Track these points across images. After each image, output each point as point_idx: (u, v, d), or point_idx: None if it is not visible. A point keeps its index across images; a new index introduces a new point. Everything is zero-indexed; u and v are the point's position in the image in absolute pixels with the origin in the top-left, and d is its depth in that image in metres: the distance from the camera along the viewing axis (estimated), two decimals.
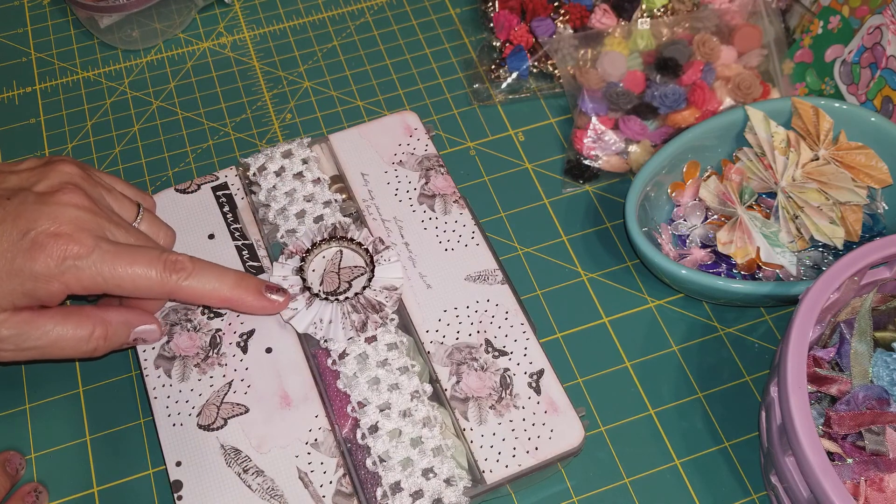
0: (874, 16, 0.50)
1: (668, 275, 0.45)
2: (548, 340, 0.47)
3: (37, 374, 0.46)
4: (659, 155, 0.48)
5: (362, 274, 0.45)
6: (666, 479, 0.43)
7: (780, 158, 0.48)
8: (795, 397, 0.35)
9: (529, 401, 0.41)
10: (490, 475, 0.39)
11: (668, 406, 0.45)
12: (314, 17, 0.63)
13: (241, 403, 0.41)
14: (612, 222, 0.52)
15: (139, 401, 0.45)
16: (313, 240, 0.45)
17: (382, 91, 0.58)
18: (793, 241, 0.47)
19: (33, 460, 0.44)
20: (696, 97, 0.53)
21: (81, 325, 0.40)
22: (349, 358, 0.41)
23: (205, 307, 0.44)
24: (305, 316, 0.42)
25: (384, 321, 0.42)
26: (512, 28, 0.57)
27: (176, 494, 0.39)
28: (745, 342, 0.47)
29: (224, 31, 0.62)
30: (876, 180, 0.47)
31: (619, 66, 0.55)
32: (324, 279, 0.45)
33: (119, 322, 0.41)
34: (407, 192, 0.48)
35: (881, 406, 0.38)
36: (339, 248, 0.46)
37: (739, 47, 0.56)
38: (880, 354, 0.39)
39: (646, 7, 0.58)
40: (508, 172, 0.54)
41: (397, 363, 0.41)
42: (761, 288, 0.43)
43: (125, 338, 0.42)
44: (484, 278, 0.45)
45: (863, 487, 0.36)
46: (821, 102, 0.48)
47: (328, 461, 0.39)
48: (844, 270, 0.38)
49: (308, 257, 0.45)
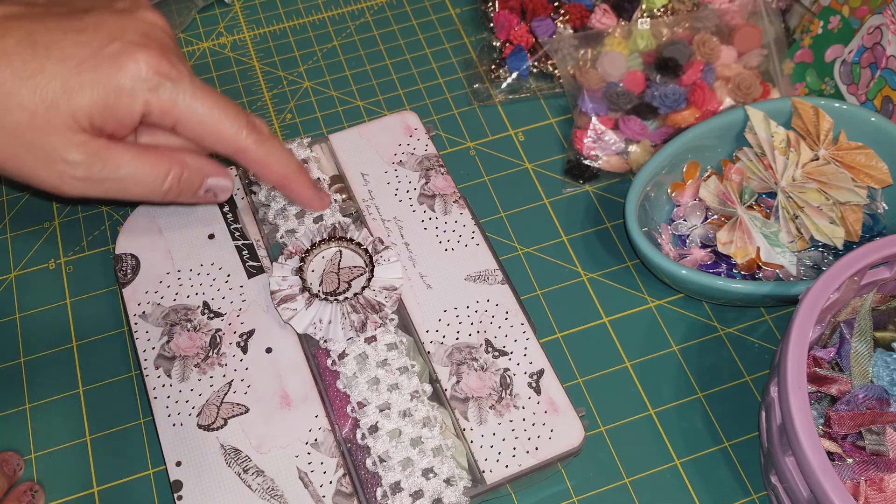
0: (874, 16, 0.50)
1: (668, 275, 0.45)
2: (548, 340, 0.47)
3: (37, 373, 0.46)
4: (659, 155, 0.48)
5: (362, 274, 0.45)
6: (666, 479, 0.43)
7: (780, 158, 0.48)
8: (795, 397, 0.35)
9: (529, 401, 0.41)
10: (490, 475, 0.39)
11: (668, 406, 0.45)
12: (314, 17, 0.63)
13: (241, 403, 0.41)
14: (612, 222, 0.52)
15: (139, 401, 0.45)
16: (313, 240, 0.45)
17: (382, 91, 0.58)
18: (793, 241, 0.47)
19: (33, 460, 0.44)
20: (696, 97, 0.53)
21: (159, 162, 0.38)
22: (349, 358, 0.42)
23: (203, 309, 0.44)
24: (305, 316, 0.42)
25: (384, 321, 0.42)
26: (512, 28, 0.58)
27: (176, 494, 0.39)
28: (745, 342, 0.47)
29: (224, 31, 0.62)
30: (876, 180, 0.47)
31: (619, 66, 0.55)
32: (323, 279, 0.45)
33: (195, 167, 0.39)
34: (407, 192, 0.48)
35: (881, 406, 0.38)
36: (338, 248, 0.46)
37: (739, 47, 0.56)
38: (880, 354, 0.39)
39: (646, 7, 0.58)
40: (508, 172, 0.54)
41: (397, 363, 0.41)
42: (761, 288, 0.43)
43: (198, 186, 0.40)
44: (484, 278, 0.45)
45: (863, 487, 0.36)
46: (821, 102, 0.48)
47: (328, 461, 0.39)
48: (844, 270, 0.38)
49: (307, 257, 0.45)
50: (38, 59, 0.35)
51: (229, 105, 0.38)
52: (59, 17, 0.36)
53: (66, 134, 0.36)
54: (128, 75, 0.35)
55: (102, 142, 0.37)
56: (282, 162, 0.41)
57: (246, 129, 0.39)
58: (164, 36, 0.38)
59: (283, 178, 0.41)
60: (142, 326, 0.43)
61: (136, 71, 0.35)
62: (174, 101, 0.37)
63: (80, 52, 0.35)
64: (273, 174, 0.41)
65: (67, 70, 0.35)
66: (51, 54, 0.35)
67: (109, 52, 0.35)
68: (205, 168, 0.40)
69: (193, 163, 0.40)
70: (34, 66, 0.35)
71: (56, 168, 0.36)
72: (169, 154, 0.39)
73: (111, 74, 0.35)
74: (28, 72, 0.35)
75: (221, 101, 0.38)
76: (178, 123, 0.38)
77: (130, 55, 0.35)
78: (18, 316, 0.48)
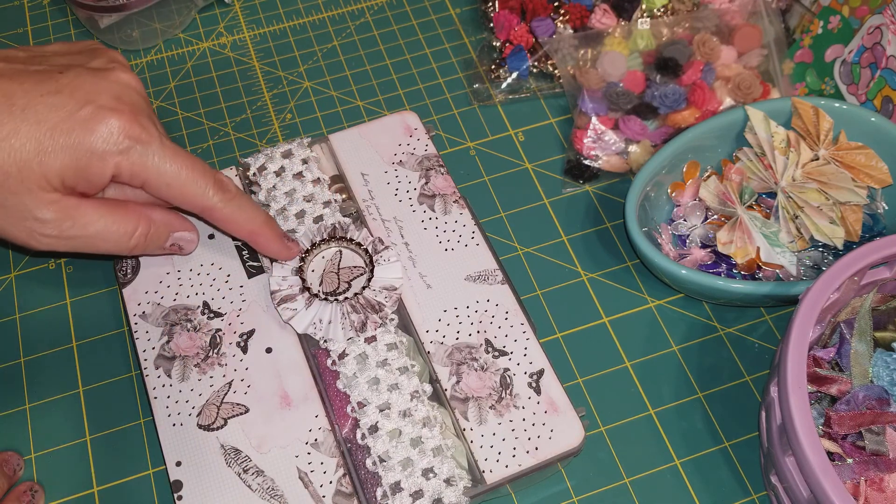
0: (874, 16, 0.50)
1: (668, 275, 0.45)
2: (548, 340, 0.47)
3: (37, 374, 0.46)
4: (659, 155, 0.48)
5: (362, 274, 0.45)
6: (666, 479, 0.43)
7: (780, 158, 0.48)
8: (795, 397, 0.35)
9: (529, 401, 0.41)
10: (490, 475, 0.39)
11: (668, 406, 0.45)
12: (314, 17, 0.63)
13: (241, 403, 0.41)
14: (612, 222, 0.52)
15: (139, 401, 0.45)
16: (313, 240, 0.45)
17: (382, 91, 0.58)
18: (793, 241, 0.47)
19: (33, 460, 0.44)
20: (696, 97, 0.53)
21: (127, 219, 0.39)
22: (349, 358, 0.41)
23: (203, 309, 0.44)
24: (305, 316, 0.42)
25: (384, 321, 0.42)
26: (512, 28, 0.57)
27: (176, 494, 0.39)
28: (745, 342, 0.47)
29: (224, 31, 0.62)
30: (876, 180, 0.47)
31: (619, 66, 0.55)
32: (323, 279, 0.45)
33: (162, 222, 0.40)
34: (407, 192, 0.48)
35: (881, 406, 0.38)
36: (338, 248, 0.46)
37: (739, 47, 0.56)
38: (880, 354, 0.39)
39: (646, 7, 0.58)
40: (508, 172, 0.54)
41: (397, 363, 0.41)
42: (761, 288, 0.43)
43: (164, 241, 0.41)
44: (484, 278, 0.45)
45: (863, 487, 0.36)
46: (821, 102, 0.48)
47: (328, 461, 0.39)
48: (844, 270, 0.38)
49: (307, 257, 0.45)
50: (13, 121, 0.36)
51: (196, 165, 0.39)
52: (37, 78, 0.37)
53: (37, 193, 0.37)
54: (99, 138, 0.36)
55: (73, 200, 0.38)
56: (249, 217, 0.41)
57: (213, 188, 0.39)
58: (138, 98, 0.39)
59: (251, 233, 0.42)
60: (142, 326, 0.43)
61: (108, 134, 0.36)
62: (143, 163, 0.37)
63: (54, 115, 0.36)
64: (241, 230, 0.42)
65: (41, 133, 0.36)
66: (26, 116, 0.36)
67: (82, 116, 0.36)
68: (171, 223, 0.42)
69: (160, 218, 0.41)
70: (9, 128, 0.36)
71: (26, 225, 0.38)
72: (136, 210, 0.40)
73: (83, 138, 0.36)
74: (3, 133, 0.36)
75: (189, 161, 0.39)
76: (146, 184, 0.38)
77: (102, 119, 0.36)
78: (18, 316, 0.48)
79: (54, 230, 0.38)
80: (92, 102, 0.36)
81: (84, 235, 0.38)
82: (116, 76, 0.38)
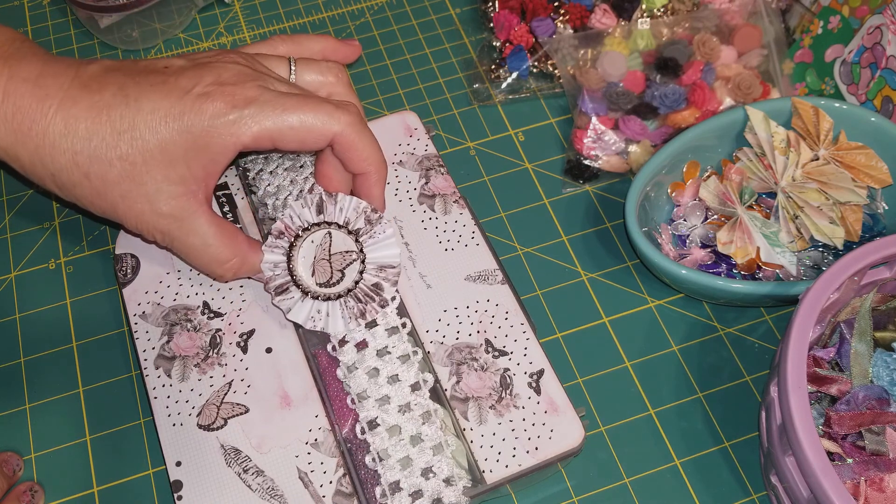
0: (874, 16, 0.50)
1: (668, 275, 0.45)
2: (548, 340, 0.47)
3: (37, 374, 0.46)
4: (659, 155, 0.48)
5: (355, 260, 0.43)
6: (666, 479, 0.43)
7: (780, 158, 0.48)
8: (795, 397, 0.35)
9: (529, 401, 0.41)
10: (490, 475, 0.39)
11: (668, 406, 0.45)
12: (314, 17, 0.63)
13: (241, 403, 0.41)
14: (612, 222, 0.52)
15: (139, 401, 0.45)
16: (300, 215, 0.43)
17: (382, 91, 0.58)
18: (793, 241, 0.47)
19: (33, 460, 0.44)
20: (696, 97, 0.53)
21: (228, 247, 0.40)
22: (349, 346, 0.41)
23: (203, 309, 0.44)
24: (302, 308, 0.42)
25: (384, 304, 0.42)
26: (512, 28, 0.58)
27: (176, 494, 0.39)
28: (745, 342, 0.47)
29: (224, 31, 0.62)
30: (876, 180, 0.47)
31: (619, 66, 0.55)
32: (315, 268, 0.43)
33: (250, 265, 0.42)
34: (407, 192, 0.48)
35: (881, 406, 0.38)
36: (327, 230, 0.43)
37: (739, 47, 0.56)
38: (880, 354, 0.39)
39: (646, 7, 0.58)
40: (508, 172, 0.54)
41: (397, 350, 0.41)
42: (761, 288, 0.43)
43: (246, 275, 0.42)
44: (484, 278, 0.45)
45: (863, 487, 0.36)
46: (821, 102, 0.48)
47: (328, 461, 0.39)
48: (844, 270, 0.38)
49: (296, 244, 0.43)
50: (131, 113, 0.37)
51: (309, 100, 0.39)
52: (144, 71, 0.38)
53: (162, 185, 0.38)
54: (208, 115, 0.37)
55: (193, 204, 0.39)
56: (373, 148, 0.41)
57: (337, 109, 0.39)
58: (239, 67, 0.39)
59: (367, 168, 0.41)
60: (142, 326, 0.43)
61: (216, 110, 0.37)
62: (260, 124, 0.38)
63: (165, 102, 0.37)
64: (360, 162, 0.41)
65: (157, 121, 0.37)
66: (140, 106, 0.37)
67: (189, 100, 0.37)
68: (255, 268, 0.42)
69: (252, 259, 0.42)
70: (129, 121, 0.37)
71: (144, 219, 0.39)
72: (240, 245, 0.41)
73: (195, 120, 0.37)
74: (125, 125, 0.37)
75: (302, 102, 0.38)
76: (274, 142, 0.38)
77: (208, 97, 0.37)
78: (18, 316, 0.48)
79: (167, 226, 0.39)
80: (198, 84, 0.37)
81: (184, 242, 0.39)
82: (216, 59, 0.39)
